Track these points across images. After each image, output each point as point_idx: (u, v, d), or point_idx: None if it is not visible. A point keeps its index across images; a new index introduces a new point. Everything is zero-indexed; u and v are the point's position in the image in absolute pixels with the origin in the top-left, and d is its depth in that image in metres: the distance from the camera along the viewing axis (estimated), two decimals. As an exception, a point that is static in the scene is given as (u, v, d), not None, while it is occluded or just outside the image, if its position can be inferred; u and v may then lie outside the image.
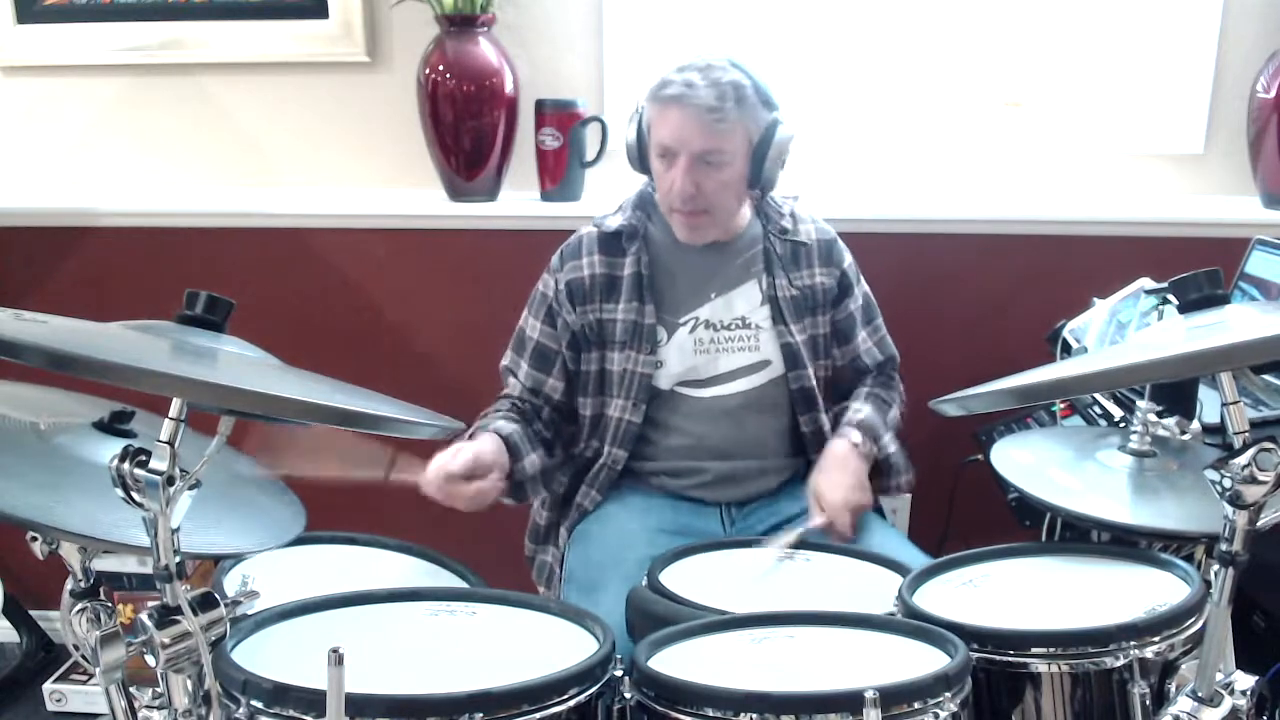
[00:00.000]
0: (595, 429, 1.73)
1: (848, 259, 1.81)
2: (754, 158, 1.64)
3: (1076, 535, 1.50)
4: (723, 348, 1.71)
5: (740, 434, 1.71)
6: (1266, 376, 1.64)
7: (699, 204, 1.63)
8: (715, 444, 1.70)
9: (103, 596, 1.06)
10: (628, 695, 1.06)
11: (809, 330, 1.74)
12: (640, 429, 1.71)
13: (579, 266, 1.72)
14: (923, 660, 1.08)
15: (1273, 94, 2.03)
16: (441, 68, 2.12)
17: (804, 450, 1.75)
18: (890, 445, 1.72)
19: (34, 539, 1.05)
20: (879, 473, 1.70)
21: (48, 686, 2.25)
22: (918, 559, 1.54)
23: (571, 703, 1.01)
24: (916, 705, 0.99)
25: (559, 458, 1.76)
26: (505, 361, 1.79)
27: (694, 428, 1.70)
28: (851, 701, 0.95)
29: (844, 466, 1.63)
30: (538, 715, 0.98)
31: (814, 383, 1.73)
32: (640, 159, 1.70)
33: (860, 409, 1.72)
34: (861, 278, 1.83)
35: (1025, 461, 1.45)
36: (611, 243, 1.72)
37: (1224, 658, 1.09)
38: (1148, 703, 1.10)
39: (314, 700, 0.94)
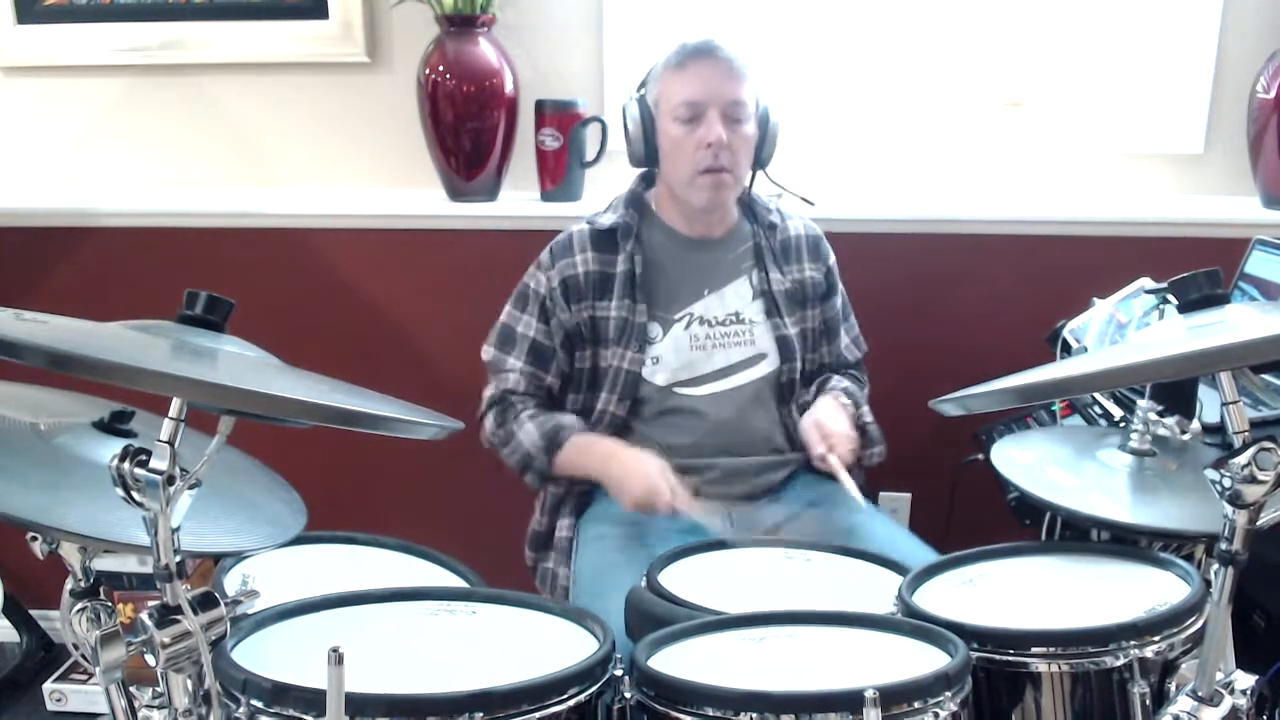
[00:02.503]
0: (584, 421, 1.73)
1: (832, 256, 1.85)
2: (759, 126, 1.70)
3: (1076, 535, 1.50)
4: (718, 343, 1.72)
5: (743, 428, 1.72)
6: (1266, 376, 1.64)
7: (727, 159, 1.65)
8: (721, 440, 1.71)
9: (103, 596, 1.06)
10: (628, 695, 1.06)
11: (800, 324, 1.77)
12: (641, 428, 1.72)
13: (572, 264, 1.72)
14: (923, 660, 1.08)
15: (1273, 94, 2.03)
16: (441, 68, 2.12)
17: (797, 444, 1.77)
18: (868, 415, 1.77)
19: (34, 539, 1.05)
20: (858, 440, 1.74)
21: (48, 686, 2.25)
22: (921, 552, 1.55)
23: (571, 702, 1.01)
24: (916, 705, 0.99)
25: None
26: (489, 356, 1.77)
27: (697, 424, 1.71)
28: (851, 701, 0.95)
29: (835, 408, 1.70)
30: (538, 715, 0.98)
31: (797, 376, 1.77)
32: (645, 143, 1.70)
33: (839, 381, 1.80)
34: (840, 278, 1.87)
35: (1025, 461, 1.45)
36: (604, 240, 1.73)
37: (1224, 657, 1.09)
38: (1148, 702, 1.10)
39: (314, 700, 0.94)
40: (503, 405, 1.73)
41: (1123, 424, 1.58)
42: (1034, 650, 1.12)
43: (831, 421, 1.67)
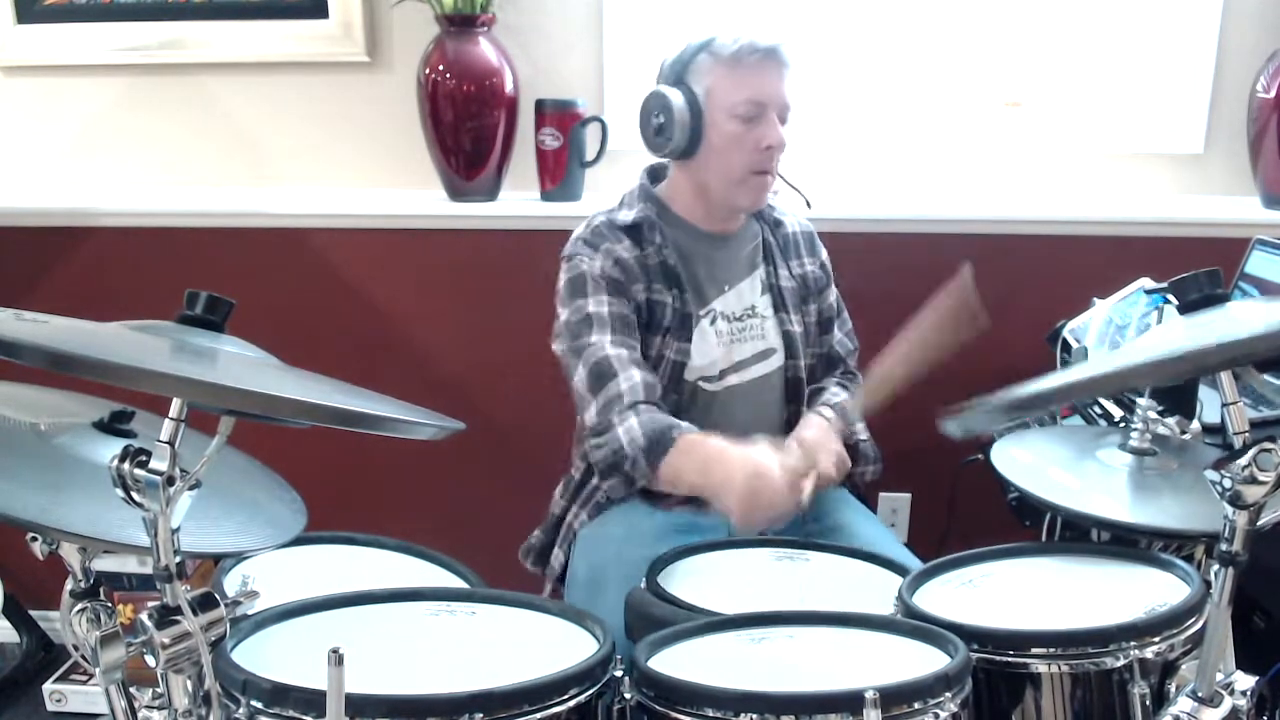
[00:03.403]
0: None
1: (825, 251, 1.85)
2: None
3: (1076, 535, 1.50)
4: (737, 338, 1.72)
5: (755, 422, 1.71)
6: (1267, 376, 1.64)
7: (775, 162, 1.64)
8: (733, 434, 1.70)
9: (103, 596, 1.06)
10: (628, 695, 1.06)
11: (804, 320, 1.78)
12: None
13: (613, 249, 1.64)
14: (923, 660, 1.08)
15: (1273, 94, 2.03)
16: (441, 68, 2.12)
17: None
18: (863, 433, 1.75)
19: (34, 539, 1.05)
20: (850, 458, 1.70)
21: (48, 686, 2.25)
22: (910, 561, 1.55)
23: (571, 703, 1.01)
24: (916, 705, 0.99)
25: None
26: (563, 347, 1.62)
27: (712, 418, 1.70)
28: (851, 701, 0.95)
29: (822, 427, 1.66)
30: (538, 715, 0.98)
31: (803, 373, 1.76)
32: (692, 135, 1.62)
33: (836, 393, 1.77)
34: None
35: (1025, 461, 1.45)
36: (631, 233, 1.68)
37: (1224, 658, 1.09)
38: (1148, 703, 1.10)
39: (314, 700, 0.94)
40: (604, 378, 1.55)
41: (1123, 424, 1.58)
42: (1034, 651, 1.12)
43: (813, 435, 1.61)
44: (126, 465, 0.93)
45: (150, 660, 0.98)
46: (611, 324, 1.58)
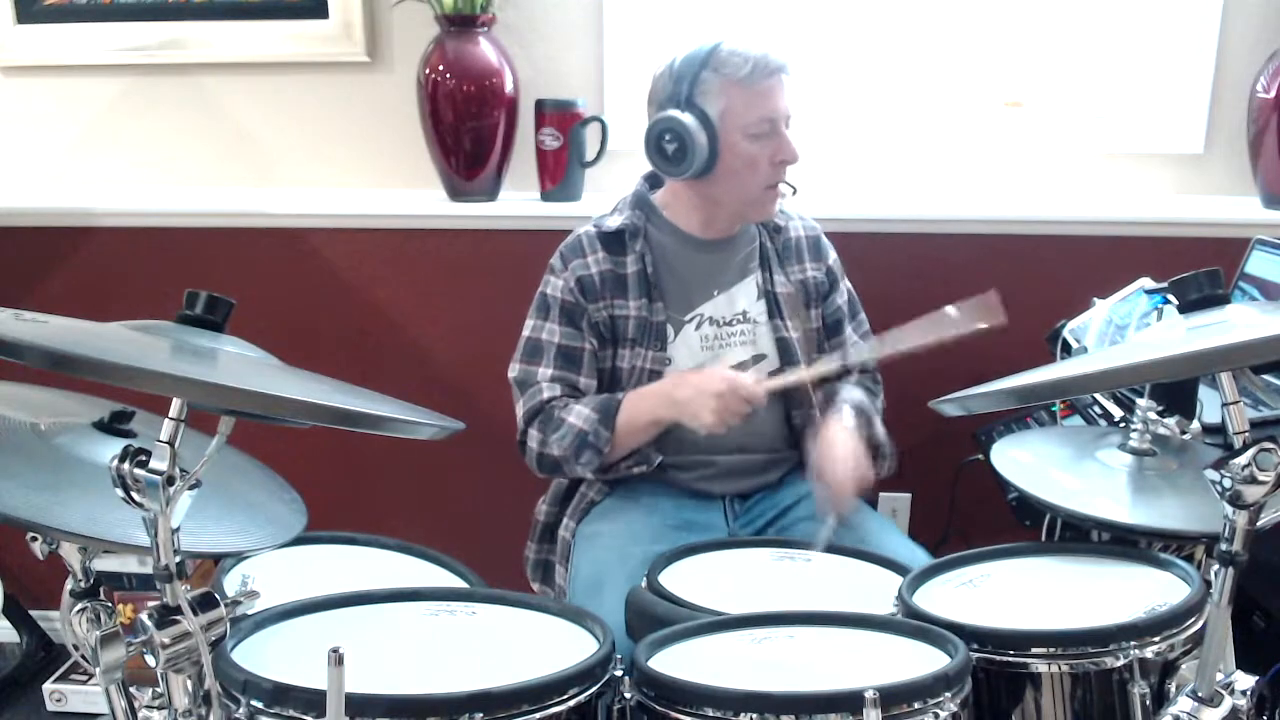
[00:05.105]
0: None
1: (833, 254, 1.85)
2: None
3: (1076, 535, 1.50)
4: (726, 343, 1.72)
5: (748, 427, 1.71)
6: (1266, 376, 1.64)
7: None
8: (722, 437, 1.70)
9: (103, 596, 1.06)
10: (628, 695, 1.06)
11: (804, 325, 1.77)
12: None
13: (585, 264, 1.70)
14: (923, 660, 1.08)
15: (1273, 94, 2.03)
16: (441, 68, 2.12)
17: (798, 443, 1.76)
18: (880, 431, 1.75)
19: (34, 539, 1.05)
20: (870, 457, 1.70)
21: (48, 686, 2.25)
22: (915, 554, 1.55)
23: (571, 703, 1.01)
24: (916, 705, 0.99)
25: None
26: (515, 373, 1.71)
27: None
28: (851, 701, 0.96)
29: (841, 444, 1.65)
30: (538, 715, 0.98)
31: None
32: (710, 157, 1.62)
33: (853, 392, 1.77)
34: (844, 274, 1.86)
35: (1025, 461, 1.45)
36: (613, 241, 1.72)
37: (1224, 658, 1.09)
38: (1148, 703, 1.10)
39: (314, 700, 0.94)
40: (544, 415, 1.67)
41: (1123, 424, 1.58)
42: (1034, 651, 1.12)
43: (832, 468, 1.59)
44: (126, 465, 0.94)
45: (150, 660, 0.99)
46: (557, 356, 1.69)
